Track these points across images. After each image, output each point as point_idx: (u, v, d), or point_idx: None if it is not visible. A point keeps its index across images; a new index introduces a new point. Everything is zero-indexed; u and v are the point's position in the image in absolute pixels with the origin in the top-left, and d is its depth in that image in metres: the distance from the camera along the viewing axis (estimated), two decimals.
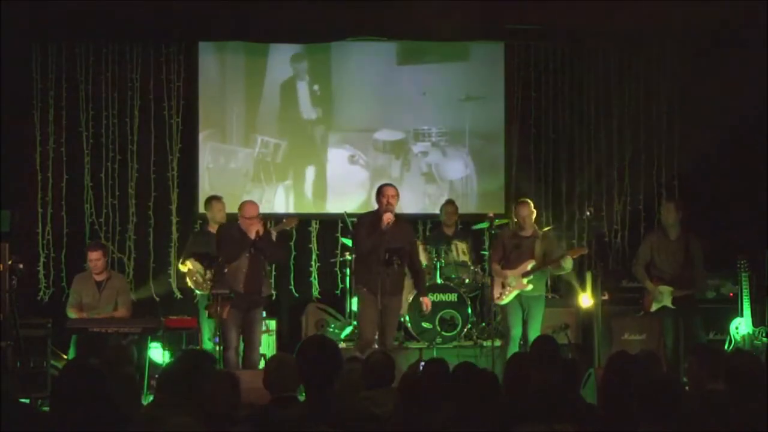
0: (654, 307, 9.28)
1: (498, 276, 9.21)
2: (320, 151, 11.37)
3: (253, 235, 8.61)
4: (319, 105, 11.38)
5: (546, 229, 9.62)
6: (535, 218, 9.33)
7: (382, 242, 8.62)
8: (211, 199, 9.88)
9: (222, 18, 10.42)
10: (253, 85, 11.30)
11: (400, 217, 9.03)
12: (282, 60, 11.30)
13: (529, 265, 9.08)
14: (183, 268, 9.71)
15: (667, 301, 9.20)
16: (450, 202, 10.73)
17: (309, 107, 11.36)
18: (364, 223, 8.91)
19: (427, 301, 9.06)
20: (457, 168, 11.46)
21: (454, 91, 11.41)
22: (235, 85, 11.30)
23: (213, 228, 9.44)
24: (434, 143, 11.44)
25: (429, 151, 11.44)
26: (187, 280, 9.70)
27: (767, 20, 9.87)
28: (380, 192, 8.84)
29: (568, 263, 9.08)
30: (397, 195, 8.82)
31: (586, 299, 9.71)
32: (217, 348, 8.62)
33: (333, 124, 11.39)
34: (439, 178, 11.45)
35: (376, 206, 8.92)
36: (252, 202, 9.00)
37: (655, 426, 4.34)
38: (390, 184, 9.01)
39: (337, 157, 11.35)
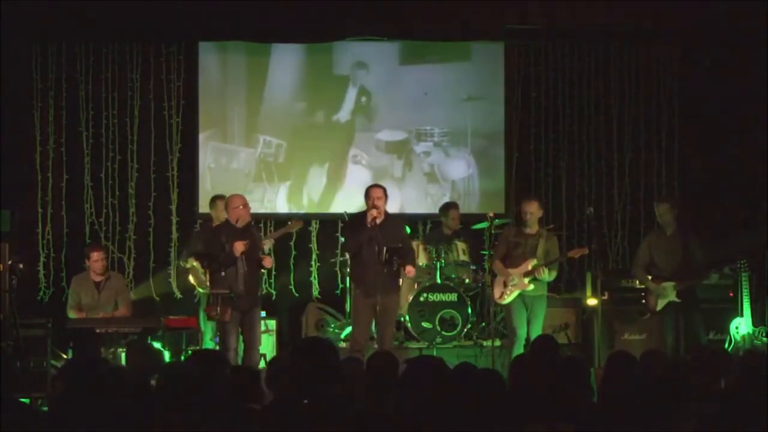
0: (660, 305, 9.26)
1: (500, 274, 9.21)
2: (322, 151, 11.36)
3: (238, 251, 8.62)
4: (321, 105, 11.37)
5: (548, 228, 9.62)
6: (539, 218, 9.33)
7: (371, 241, 8.67)
8: (216, 199, 9.89)
9: (222, 18, 10.41)
10: (255, 84, 11.30)
11: (391, 216, 9.07)
12: (285, 59, 11.29)
13: (531, 264, 9.08)
14: (186, 265, 9.74)
15: (672, 296, 9.19)
16: (455, 206, 10.67)
17: (313, 108, 11.36)
18: (353, 224, 8.98)
19: (410, 269, 8.89)
20: (459, 168, 11.45)
21: (456, 91, 11.40)
22: (237, 84, 11.30)
23: None
24: (436, 143, 11.43)
25: (431, 151, 11.43)
26: (190, 277, 9.72)
27: (767, 20, 9.87)
28: (366, 194, 8.92)
29: (545, 275, 9.07)
30: (385, 196, 8.85)
31: (588, 299, 9.71)
32: (218, 348, 8.66)
33: (335, 124, 11.38)
34: (442, 178, 11.45)
35: None
36: (237, 194, 9.09)
37: (655, 426, 4.34)
38: (377, 185, 9.07)
39: (339, 157, 11.35)
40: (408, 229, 10.34)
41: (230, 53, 11.27)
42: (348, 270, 10.09)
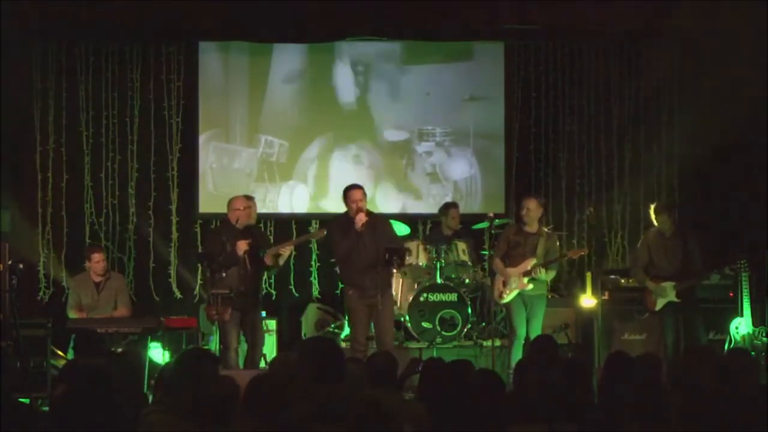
0: (659, 305, 9.26)
1: (500, 273, 9.21)
2: (324, 151, 11.36)
3: (241, 250, 8.64)
4: (323, 105, 11.37)
5: (548, 228, 9.62)
6: (540, 217, 9.33)
7: (359, 242, 8.68)
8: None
9: (222, 18, 10.41)
10: (257, 84, 11.30)
11: (376, 215, 9.07)
12: (287, 59, 11.29)
13: (530, 264, 9.08)
14: None
15: (671, 296, 9.19)
16: (455, 206, 10.66)
17: (315, 108, 11.36)
18: (338, 227, 8.94)
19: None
20: (461, 168, 11.45)
21: (458, 91, 11.40)
22: (239, 84, 11.30)
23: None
24: (438, 143, 11.43)
25: (433, 151, 11.43)
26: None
27: (767, 20, 9.86)
28: (347, 196, 8.84)
29: (542, 274, 9.07)
30: (365, 197, 8.80)
31: (587, 299, 9.69)
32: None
33: (337, 124, 11.38)
34: (444, 178, 11.44)
35: (378, 207, 8.96)
36: (239, 196, 9.11)
37: (653, 426, 4.35)
38: (356, 186, 8.95)
39: (341, 157, 11.35)
40: (408, 230, 10.35)
41: (232, 53, 11.28)
42: None
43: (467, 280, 10.26)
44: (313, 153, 11.35)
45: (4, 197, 10.28)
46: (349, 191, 8.88)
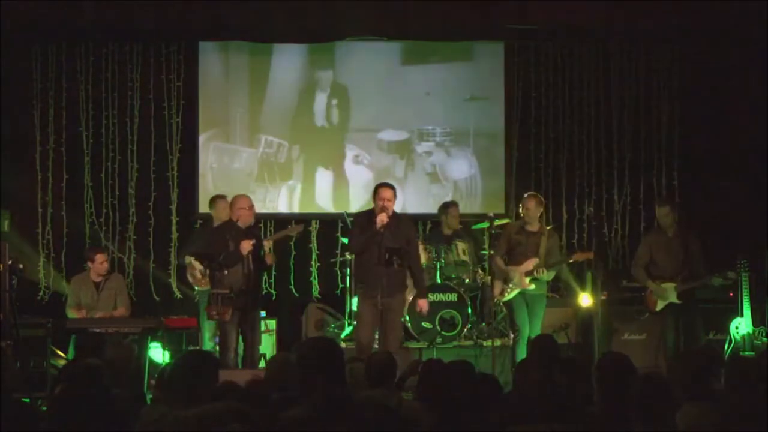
0: (660, 306, 9.27)
1: (500, 271, 9.20)
2: (324, 151, 11.36)
3: (245, 249, 8.63)
4: (324, 105, 11.37)
5: (549, 227, 9.62)
6: (540, 216, 9.33)
7: (376, 241, 8.57)
8: (216, 198, 9.96)
9: (222, 18, 10.42)
10: (258, 84, 11.30)
11: (400, 216, 9.00)
12: (287, 59, 11.30)
13: (532, 264, 9.07)
14: (185, 262, 9.80)
15: (672, 297, 9.20)
16: (455, 205, 10.64)
17: (315, 108, 11.36)
18: (359, 222, 8.89)
19: (422, 304, 8.88)
20: (461, 168, 11.45)
21: (458, 91, 11.39)
22: (239, 84, 11.31)
23: None
24: (438, 143, 11.43)
25: (433, 151, 11.42)
26: (188, 275, 9.75)
27: (767, 20, 9.87)
28: (376, 193, 8.74)
29: (544, 275, 9.06)
30: (394, 197, 8.67)
31: (586, 299, 9.70)
32: (217, 348, 8.68)
33: (337, 124, 11.38)
34: (444, 179, 11.44)
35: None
36: (244, 195, 9.12)
37: (651, 426, 4.35)
38: (387, 185, 8.82)
39: (341, 157, 11.35)
40: None
41: (232, 53, 11.29)
42: (348, 270, 10.09)
43: (467, 280, 10.25)
44: (313, 153, 11.35)
45: (4, 197, 10.28)
46: (378, 188, 8.75)
